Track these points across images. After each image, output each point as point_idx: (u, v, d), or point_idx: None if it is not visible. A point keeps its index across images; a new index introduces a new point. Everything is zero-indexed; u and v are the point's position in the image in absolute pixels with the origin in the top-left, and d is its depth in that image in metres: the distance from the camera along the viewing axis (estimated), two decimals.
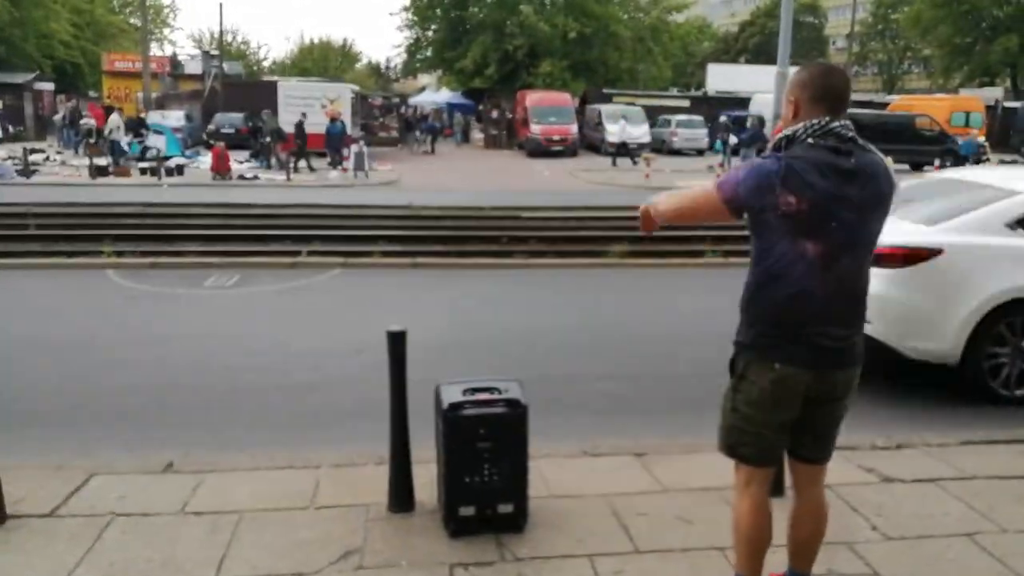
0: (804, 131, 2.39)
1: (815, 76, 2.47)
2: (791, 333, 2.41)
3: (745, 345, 2.51)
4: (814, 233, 2.34)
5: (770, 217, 2.34)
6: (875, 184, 2.42)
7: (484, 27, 38.54)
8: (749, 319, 2.50)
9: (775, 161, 2.36)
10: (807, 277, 2.36)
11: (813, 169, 2.32)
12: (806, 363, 2.42)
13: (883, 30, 67.96)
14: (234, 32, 67.28)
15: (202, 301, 8.21)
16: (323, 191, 18.83)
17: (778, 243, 2.36)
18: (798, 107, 2.46)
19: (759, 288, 2.45)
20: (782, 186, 2.30)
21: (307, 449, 4.53)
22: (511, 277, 9.66)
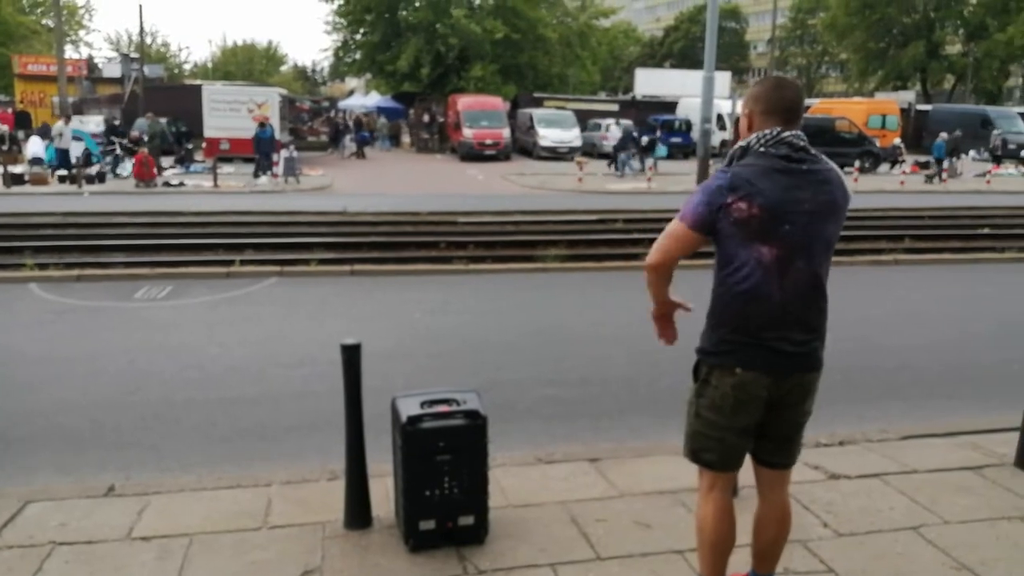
0: (757, 141, 2.46)
1: (767, 89, 2.53)
2: (751, 338, 2.45)
3: (707, 351, 2.55)
4: (768, 237, 2.39)
5: (724, 225, 2.39)
6: (828, 191, 2.47)
7: (416, 29, 38.34)
8: (711, 325, 2.54)
9: (722, 175, 2.43)
10: (763, 281, 2.41)
11: (763, 175, 2.38)
12: (766, 367, 2.46)
13: (802, 35, 70.75)
14: (154, 34, 65.14)
15: (133, 314, 7.90)
16: (253, 197, 18.38)
17: (735, 250, 2.41)
18: (752, 120, 2.52)
19: (720, 295, 2.50)
20: (731, 192, 2.37)
21: (255, 466, 4.43)
22: (451, 283, 9.61)
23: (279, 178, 21.41)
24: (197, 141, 27.68)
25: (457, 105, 32.46)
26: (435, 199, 17.35)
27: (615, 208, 15.66)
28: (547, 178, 23.75)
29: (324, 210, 15.00)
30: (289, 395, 5.64)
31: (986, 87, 53.38)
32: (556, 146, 31.69)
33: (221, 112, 26.63)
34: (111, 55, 53.04)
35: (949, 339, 7.46)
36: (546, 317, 8.14)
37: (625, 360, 6.57)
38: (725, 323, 2.49)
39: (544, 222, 13.97)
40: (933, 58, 53.81)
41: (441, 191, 20.08)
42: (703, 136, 22.81)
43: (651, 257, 2.55)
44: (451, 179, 23.98)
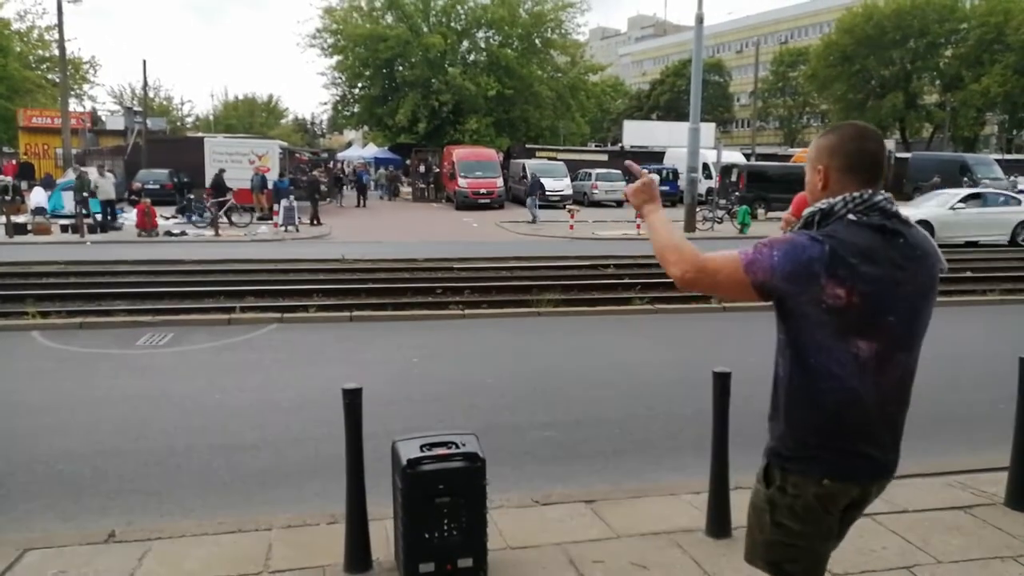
0: (844, 206, 2.04)
1: (846, 141, 2.11)
2: (839, 444, 2.07)
3: (784, 456, 2.15)
4: (867, 330, 2.00)
5: (811, 310, 1.98)
6: (928, 267, 2.09)
7: (413, 85, 39.17)
8: (788, 424, 2.13)
9: (815, 244, 1.97)
10: (859, 380, 2.02)
11: (862, 254, 1.97)
12: (855, 477, 2.11)
13: (783, 87, 72.56)
14: (157, 88, 66.17)
15: (135, 361, 7.97)
16: (253, 246, 18.59)
17: (823, 339, 2.00)
18: (827, 178, 2.12)
19: (801, 390, 2.08)
20: (828, 276, 1.94)
21: (255, 511, 4.47)
22: (448, 328, 9.72)
23: (279, 227, 21.69)
24: (199, 192, 28.04)
25: (453, 156, 33.07)
26: (431, 246, 17.54)
27: (606, 254, 15.86)
28: (540, 225, 24.08)
29: (323, 258, 15.17)
30: (289, 440, 5.70)
31: (963, 135, 54.57)
32: (548, 194, 32.16)
33: (223, 163, 27.11)
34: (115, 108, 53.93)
35: (937, 380, 7.51)
36: (541, 360, 8.23)
37: (619, 402, 6.66)
38: (808, 426, 2.08)
39: (538, 267, 14.15)
40: (911, 108, 55.30)
41: (437, 239, 20.30)
42: (690, 184, 23.31)
43: (674, 268, 2.10)
44: (447, 227, 24.25)
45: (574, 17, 42.46)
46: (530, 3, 41.38)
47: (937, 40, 53.63)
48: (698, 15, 22.48)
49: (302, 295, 11.15)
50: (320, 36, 40.95)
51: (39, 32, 41.56)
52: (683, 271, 2.08)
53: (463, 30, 41.66)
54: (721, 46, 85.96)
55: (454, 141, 38.11)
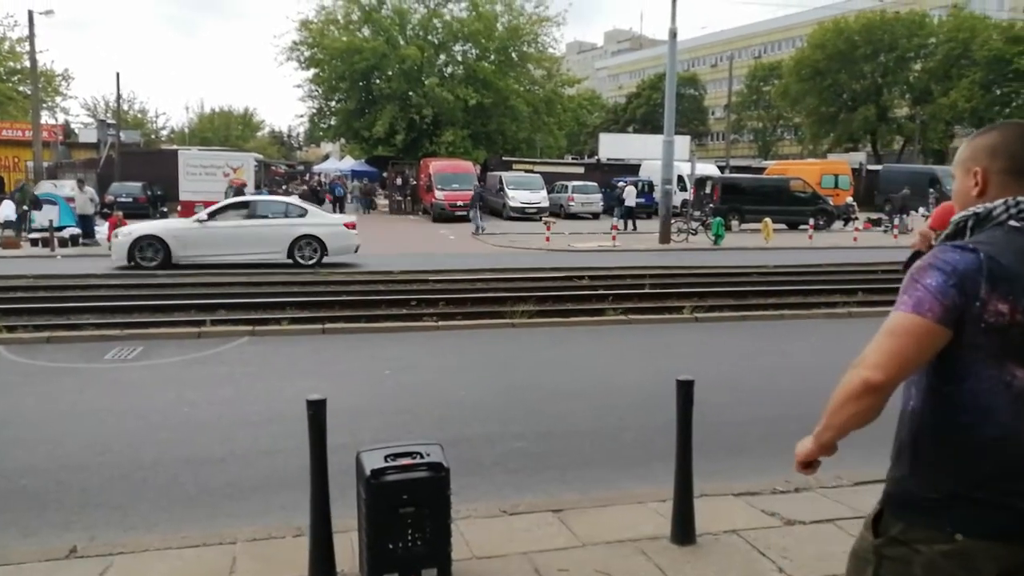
0: (1005, 210, 1.78)
1: (1010, 141, 1.83)
2: (981, 493, 1.72)
3: (908, 503, 1.80)
4: (1022, 354, 1.70)
5: (970, 330, 1.68)
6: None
7: (390, 98, 39.24)
8: (914, 467, 1.80)
9: (966, 253, 1.71)
10: (1012, 415, 1.71)
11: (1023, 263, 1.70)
12: (999, 534, 1.72)
13: (757, 100, 73.70)
14: (131, 101, 65.66)
15: (103, 375, 7.88)
16: None
17: (974, 365, 1.71)
18: (986, 180, 1.84)
19: (939, 426, 1.77)
20: (990, 288, 1.67)
21: (221, 524, 4.44)
22: (421, 339, 9.71)
23: None
24: (173, 205, 27.89)
25: (429, 168, 33.14)
26: (407, 258, 17.53)
27: (581, 266, 15.95)
28: (516, 237, 24.15)
29: (297, 270, 15.11)
30: (257, 453, 5.66)
31: (933, 147, 55.65)
32: (524, 207, 32.48)
33: (197, 176, 27.07)
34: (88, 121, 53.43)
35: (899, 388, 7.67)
36: (514, 372, 8.25)
37: (591, 412, 6.69)
38: (943, 468, 1.75)
39: (513, 279, 14.19)
40: (882, 121, 56.38)
41: (413, 251, 20.29)
42: (664, 197, 23.52)
43: (876, 372, 1.70)
44: (423, 239, 24.25)
45: (550, 31, 42.79)
46: (507, 17, 41.67)
47: (906, 54, 54.69)
48: (671, 30, 22.75)
49: (274, 308, 11.10)
50: (297, 49, 40.92)
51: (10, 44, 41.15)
52: (864, 376, 1.71)
53: (440, 43, 41.84)
54: (696, 60, 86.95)
55: (431, 154, 38.18)
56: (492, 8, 40.98)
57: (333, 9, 40.86)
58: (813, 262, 17.47)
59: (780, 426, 6.31)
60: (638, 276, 14.16)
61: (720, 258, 18.88)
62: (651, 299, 12.26)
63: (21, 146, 36.18)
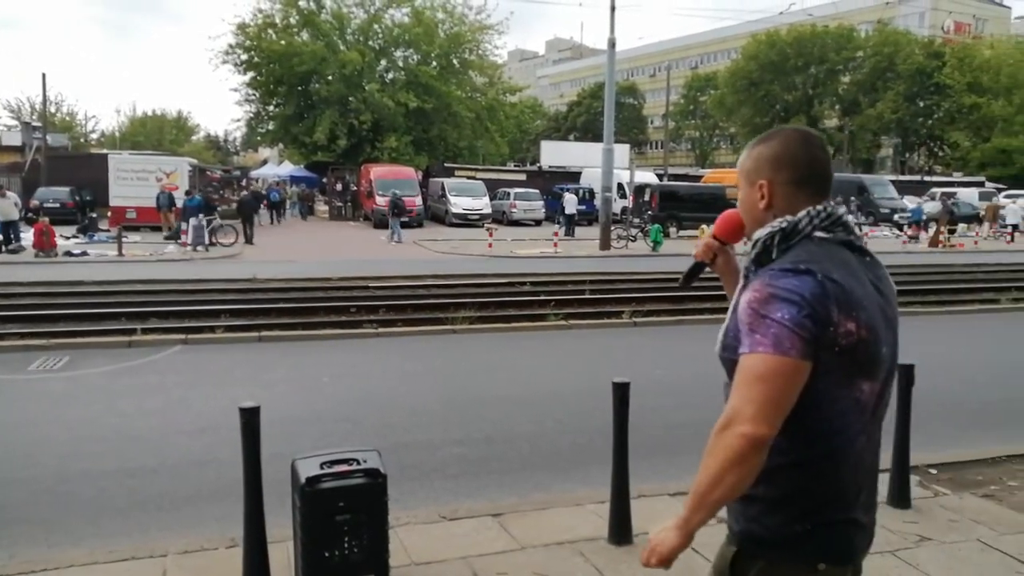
0: (809, 222, 1.70)
1: (794, 148, 1.75)
2: (836, 516, 1.67)
3: (768, 541, 1.69)
4: (870, 367, 1.65)
5: (825, 357, 1.58)
6: (890, 281, 1.80)
7: (329, 102, 38.78)
8: (769, 500, 1.68)
9: (808, 278, 1.59)
10: (860, 431, 1.67)
11: (850, 277, 1.64)
12: (854, 554, 1.72)
13: (694, 110, 75.50)
14: (58, 103, 63.42)
15: (27, 387, 7.58)
16: (159, 266, 17.97)
17: (828, 389, 1.62)
18: (771, 193, 1.76)
19: (802, 454, 1.64)
20: (838, 311, 1.58)
21: (152, 537, 4.33)
22: (361, 347, 9.62)
23: (188, 246, 21.08)
24: (102, 210, 27.01)
25: (370, 174, 32.86)
26: (348, 264, 17.34)
27: (523, 272, 16.02)
28: (458, 244, 24.15)
29: (233, 277, 14.79)
30: (191, 464, 5.53)
31: (861, 156, 57.78)
32: (467, 213, 32.49)
33: (128, 181, 26.29)
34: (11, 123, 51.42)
35: None
36: (455, 378, 8.24)
37: (530, 417, 6.73)
38: (805, 499, 1.66)
39: (455, 286, 14.16)
40: None
41: (354, 257, 20.08)
42: (604, 204, 23.82)
43: (760, 426, 1.54)
44: (365, 245, 24.03)
45: (492, 39, 42.92)
46: (448, 24, 41.65)
47: (835, 67, 56.67)
48: (610, 39, 23.07)
49: (209, 316, 10.84)
50: (233, 52, 40.09)
51: None
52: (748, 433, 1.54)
53: (381, 49, 41.53)
54: (635, 70, 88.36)
55: (372, 159, 37.84)
56: (433, 15, 40.93)
57: (271, 12, 40.22)
58: None
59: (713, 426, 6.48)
60: (579, 282, 14.30)
61: (658, 264, 19.18)
62: (591, 304, 12.39)
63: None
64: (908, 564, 3.86)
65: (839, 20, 57.21)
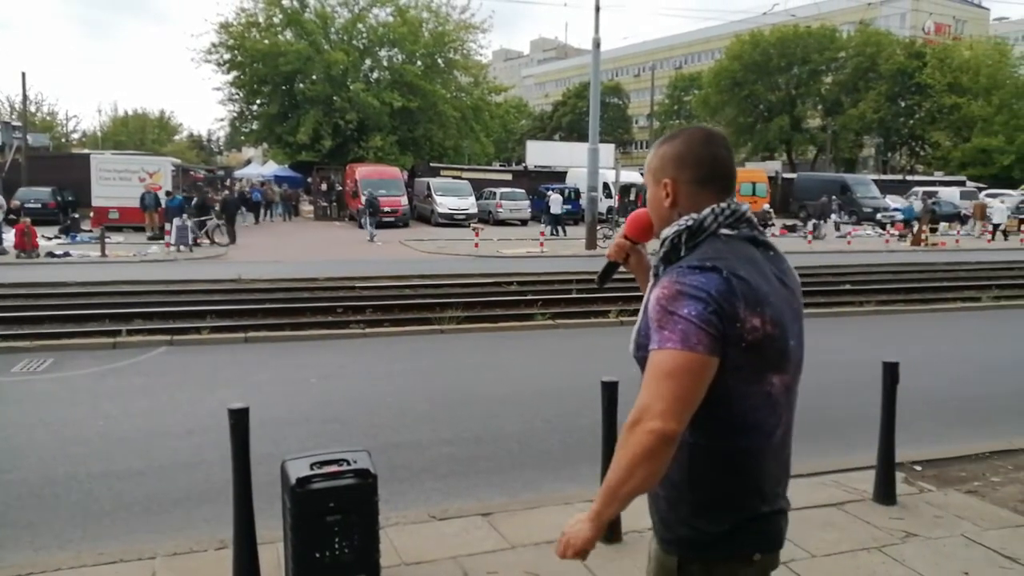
0: (715, 219, 1.73)
1: (696, 147, 1.79)
2: (766, 507, 1.72)
3: (703, 543, 1.71)
4: (779, 360, 1.69)
5: (732, 353, 1.61)
6: (795, 274, 1.84)
7: (314, 102, 38.62)
8: (697, 502, 1.70)
9: (714, 275, 1.62)
10: (775, 423, 1.71)
11: (756, 272, 1.67)
12: (781, 540, 1.77)
13: (678, 110, 75.77)
14: (39, 103, 62.75)
15: (10, 389, 7.50)
16: (143, 267, 17.83)
17: (739, 385, 1.65)
18: (676, 191, 1.79)
19: (722, 452, 1.68)
20: (744, 307, 1.60)
21: (140, 540, 4.30)
22: (348, 347, 9.60)
23: (171, 247, 20.94)
24: (84, 211, 26.79)
25: (356, 174, 32.73)
26: (334, 265, 17.28)
27: (510, 271, 16.03)
28: (445, 243, 24.13)
29: (218, 278, 14.71)
30: (178, 466, 5.50)
31: (844, 156, 58.23)
32: (453, 213, 32.47)
33: (110, 181, 26.09)
34: None
35: (812, 386, 7.98)
36: (443, 378, 8.24)
37: (519, 416, 6.74)
38: (728, 498, 1.69)
39: (441, 285, 14.16)
40: (796, 131, 58.79)
41: (340, 257, 20.01)
42: (590, 203, 23.88)
43: (669, 422, 1.55)
44: (350, 246, 23.95)
45: (476, 38, 42.90)
46: (433, 23, 41.59)
47: (818, 67, 57.00)
48: (595, 39, 23.12)
49: (194, 316, 10.78)
50: (216, 51, 39.83)
51: None
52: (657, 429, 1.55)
53: (365, 48, 41.41)
54: (620, 70, 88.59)
55: (358, 159, 37.72)
56: (418, 14, 40.87)
57: (254, 12, 40.00)
58: None
59: None
60: (565, 281, 14.32)
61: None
62: (578, 304, 12.42)
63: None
64: (894, 560, 3.91)
65: (822, 20, 57.58)
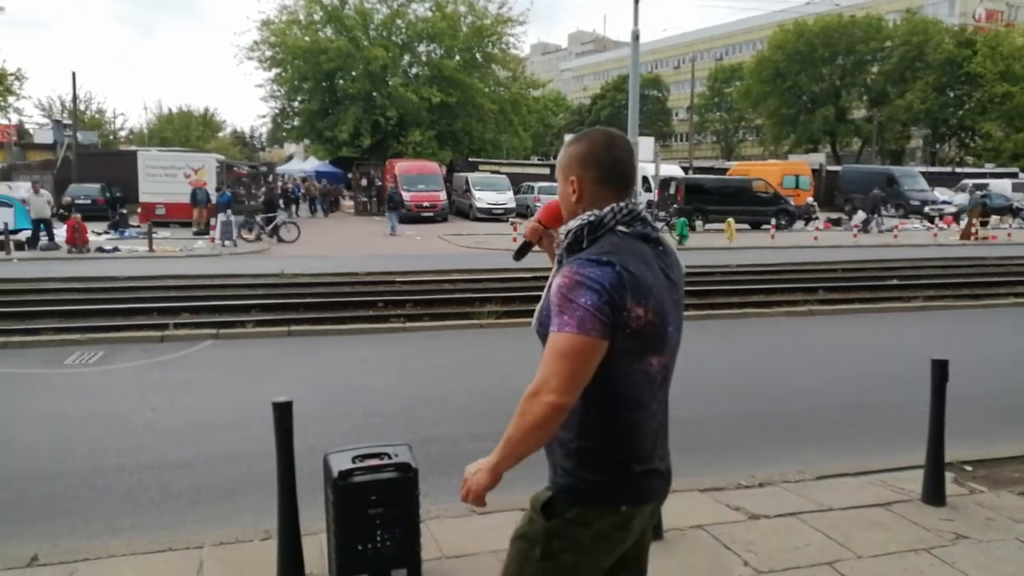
0: (613, 217, 1.95)
1: (599, 150, 2.01)
2: (638, 467, 1.98)
3: (579, 490, 1.97)
4: (658, 344, 1.94)
5: (619, 337, 1.85)
6: (679, 267, 2.10)
7: (355, 99, 38.97)
8: (580, 456, 1.97)
9: (608, 268, 1.84)
10: (651, 397, 1.98)
11: (644, 267, 1.90)
12: (651, 496, 2.04)
13: (719, 102, 74.66)
14: (88, 101, 64.31)
15: (64, 380, 7.73)
16: (189, 262, 18.20)
17: (623, 363, 1.90)
18: (581, 188, 2.00)
19: (605, 417, 1.94)
20: (631, 298, 1.84)
21: (187, 529, 4.39)
22: (388, 341, 9.68)
23: (216, 242, 21.34)
24: (132, 207, 27.44)
25: (395, 169, 32.97)
26: (373, 260, 17.44)
27: (548, 266, 15.84)
28: (483, 238, 24.18)
29: (261, 272, 14.95)
30: (223, 457, 5.61)
31: (890, 148, 56.85)
32: (491, 207, 32.54)
33: (157, 178, 26.68)
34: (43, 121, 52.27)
35: (859, 383, 7.84)
36: (481, 372, 8.27)
37: None
38: (606, 455, 1.95)
39: (480, 280, 14.20)
40: (841, 122, 57.47)
41: (380, 252, 20.19)
42: None
43: (563, 396, 1.81)
44: (390, 241, 24.14)
45: (514, 30, 42.83)
46: (471, 18, 41.65)
47: (863, 57, 55.76)
48: (634, 32, 22.92)
49: (239, 311, 10.97)
50: (258, 48, 40.42)
51: None
52: (552, 402, 1.81)
53: (404, 44, 41.66)
54: (659, 62, 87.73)
55: (397, 154, 38.00)
56: (456, 8, 40.96)
57: (295, 9, 40.48)
58: (775, 261, 17.74)
59: (742, 422, 6.44)
60: None
61: (684, 258, 18.49)
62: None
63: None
64: (944, 562, 3.82)
65: (867, 9, 56.31)
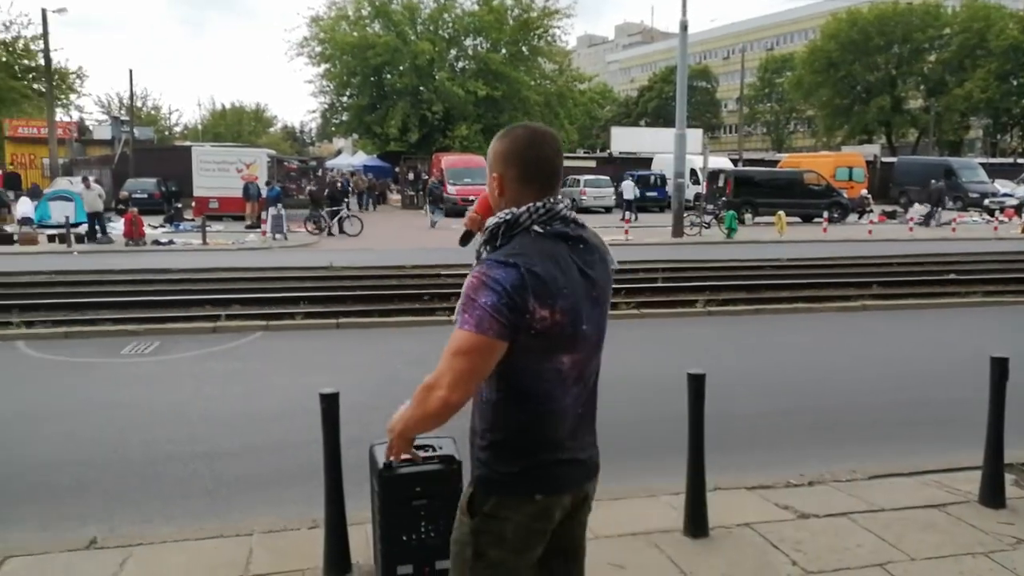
0: (528, 216, 1.96)
1: (522, 148, 2.00)
2: (551, 457, 2.02)
3: (494, 481, 2.02)
4: (568, 344, 1.96)
5: (523, 337, 1.88)
6: (604, 267, 2.10)
7: (402, 94, 39.30)
8: (493, 448, 2.02)
9: (512, 270, 1.85)
10: (563, 393, 2.01)
11: (555, 268, 1.90)
12: (568, 485, 2.07)
13: (769, 93, 73.20)
14: (144, 98, 66.10)
15: (120, 370, 7.96)
16: (241, 254, 18.57)
17: (532, 361, 1.94)
18: (503, 185, 2.02)
19: (508, 413, 1.99)
20: (534, 300, 1.85)
21: (237, 517, 4.48)
22: (434, 334, 9.71)
23: (267, 235, 21.74)
24: (186, 201, 28.13)
25: (441, 163, 33.16)
26: (420, 253, 17.56)
27: None
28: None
29: (310, 265, 15.18)
30: (272, 447, 5.71)
31: (948, 139, 55.11)
32: None
33: (210, 172, 27.29)
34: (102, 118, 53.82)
35: (915, 380, 7.63)
36: None
37: (601, 408, 6.65)
38: (517, 446, 2.00)
39: None
40: (896, 112, 55.89)
41: (426, 246, 20.33)
42: (677, 190, 23.45)
43: (453, 393, 1.89)
44: (435, 234, 24.28)
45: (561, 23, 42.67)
46: (517, 11, 41.61)
47: (920, 45, 54.21)
48: (682, 22, 22.63)
49: (288, 303, 11.15)
50: (307, 44, 41.02)
51: (24, 42, 41.38)
52: (444, 397, 1.90)
53: (451, 38, 41.84)
54: (708, 53, 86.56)
55: (444, 148, 38.23)
56: (503, 1, 40.95)
57: (343, 4, 40.94)
58: (827, 255, 17.37)
59: (793, 419, 6.33)
60: (651, 270, 14.11)
61: (733, 251, 18.81)
62: (664, 293, 12.22)
63: (37, 144, 36.61)
64: (1004, 567, 3.70)
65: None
